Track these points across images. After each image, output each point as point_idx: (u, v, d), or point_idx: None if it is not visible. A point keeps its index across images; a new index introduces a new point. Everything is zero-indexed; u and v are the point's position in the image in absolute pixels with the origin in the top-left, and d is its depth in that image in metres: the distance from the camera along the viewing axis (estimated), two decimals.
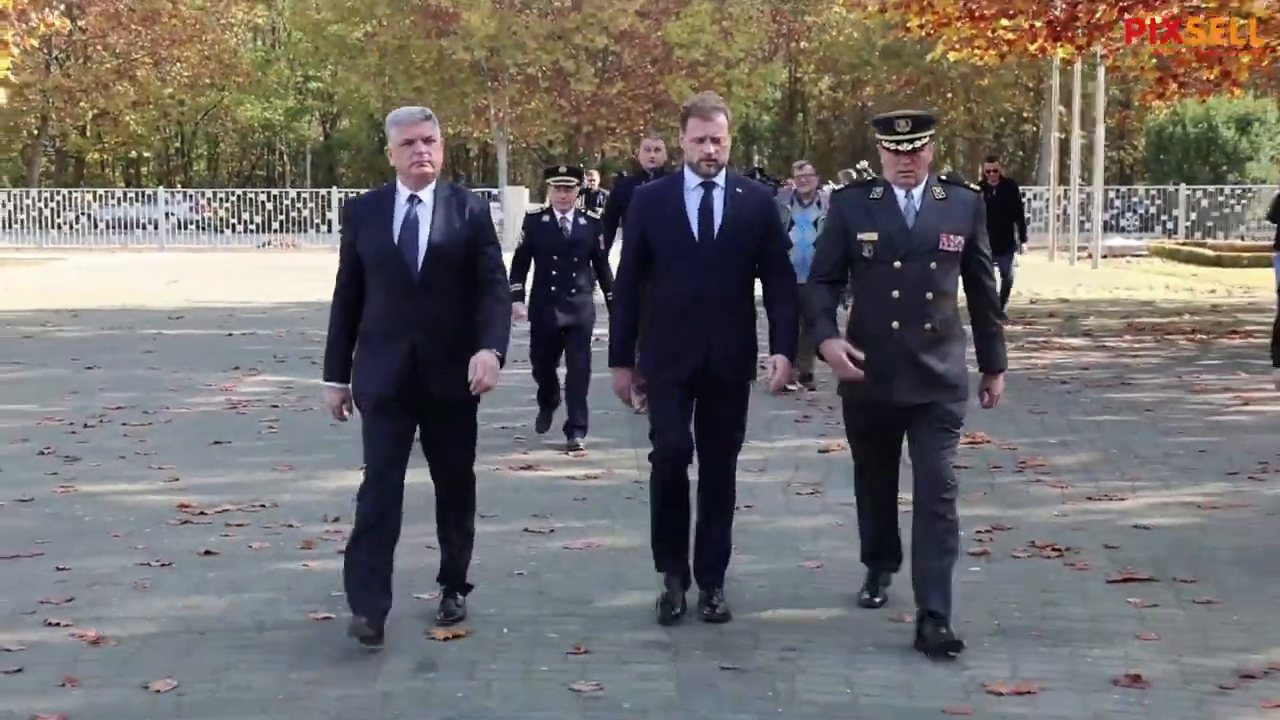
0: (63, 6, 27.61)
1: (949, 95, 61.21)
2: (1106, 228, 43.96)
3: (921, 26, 22.64)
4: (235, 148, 75.84)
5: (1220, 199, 43.53)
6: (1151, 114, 50.44)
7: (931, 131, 6.08)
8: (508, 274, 6.35)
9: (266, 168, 75.34)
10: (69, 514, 8.48)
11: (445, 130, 59.42)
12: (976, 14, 21.56)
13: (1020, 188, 25.00)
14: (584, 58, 56.14)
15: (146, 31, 56.17)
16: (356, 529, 5.97)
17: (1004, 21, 21.91)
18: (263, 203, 45.55)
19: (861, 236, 6.06)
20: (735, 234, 6.19)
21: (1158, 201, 45.39)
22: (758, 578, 7.03)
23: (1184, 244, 38.42)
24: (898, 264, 6.02)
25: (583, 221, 10.72)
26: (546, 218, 10.61)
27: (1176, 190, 44.35)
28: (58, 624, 6.31)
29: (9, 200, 45.89)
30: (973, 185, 6.37)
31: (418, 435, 6.18)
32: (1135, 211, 47.12)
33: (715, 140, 6.18)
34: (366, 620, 5.76)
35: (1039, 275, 28.81)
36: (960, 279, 6.21)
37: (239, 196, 46.75)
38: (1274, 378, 7.59)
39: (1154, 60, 23.19)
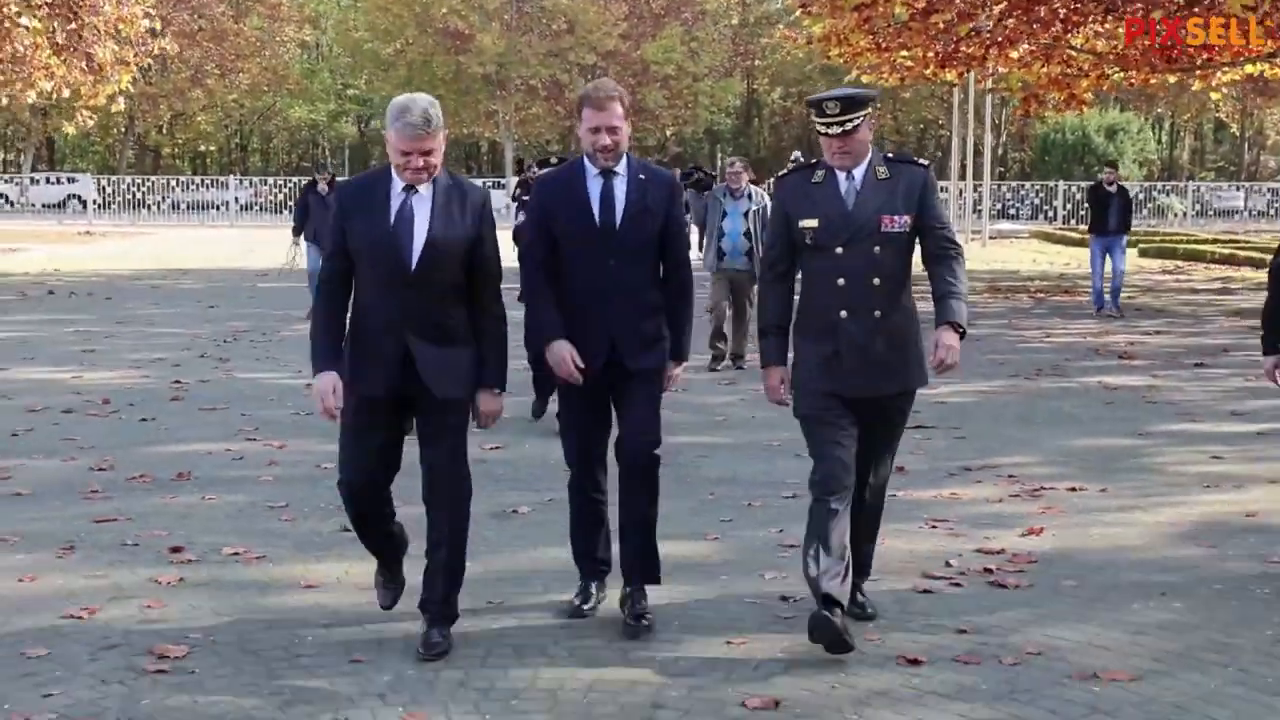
0: (166, 35, 29.46)
1: (878, 104, 63.11)
2: (1001, 214, 46.53)
3: (840, 55, 24.49)
4: (285, 143, 77.94)
5: None
6: (1041, 123, 52.94)
7: (866, 111, 5.00)
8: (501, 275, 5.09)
9: (311, 160, 77.32)
10: (235, 389, 11.01)
11: (459, 131, 62.36)
12: (882, 46, 23.42)
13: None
14: (576, 72, 58.16)
15: (215, 48, 58.28)
16: (352, 522, 5.16)
17: (903, 53, 23.80)
18: None
19: (803, 223, 5.04)
20: (638, 222, 5.16)
21: (1041, 194, 47.93)
22: (684, 423, 9.45)
23: (1059, 229, 40.91)
24: (840, 250, 5.00)
25: None
26: None
27: (1056, 185, 46.90)
28: (254, 440, 8.84)
29: (108, 185, 48.16)
30: (922, 161, 5.25)
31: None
32: (1025, 202, 49.68)
33: (611, 129, 5.11)
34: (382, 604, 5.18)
35: None
36: (922, 260, 5.23)
37: (294, 184, 48.99)
38: (1265, 366, 6.20)
39: (1020, 84, 25.51)
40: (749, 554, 6.26)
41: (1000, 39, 22.04)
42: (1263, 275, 24.43)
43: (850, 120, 4.97)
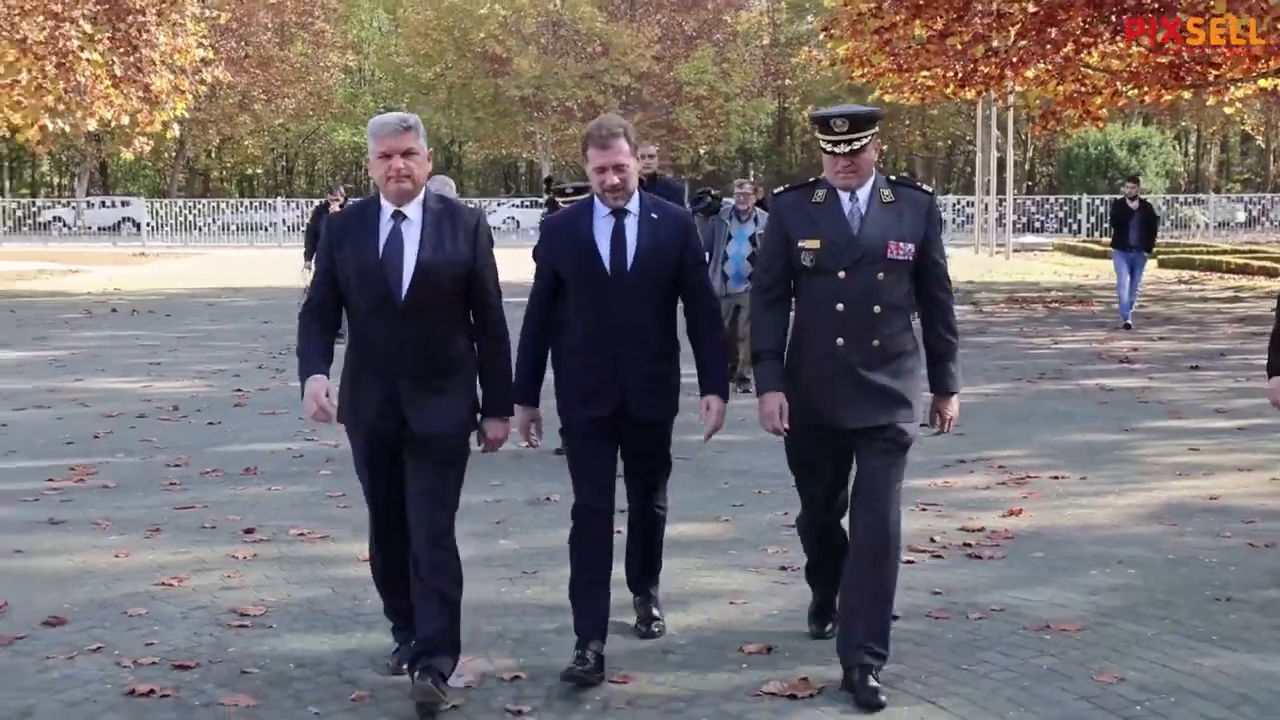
0: (220, 64, 30.32)
1: (907, 122, 63.90)
2: (1027, 228, 47.01)
3: (863, 75, 25.14)
4: (329, 165, 79.03)
5: None
6: (1065, 137, 53.36)
7: (874, 130, 4.76)
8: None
9: (354, 181, 78.50)
10: (292, 397, 11.67)
11: (498, 152, 63.35)
12: (903, 67, 24.08)
13: (943, 196, 27.91)
14: (611, 93, 59.03)
15: (262, 74, 59.39)
16: (377, 581, 4.98)
17: (923, 73, 24.47)
18: None
19: (803, 244, 4.76)
20: (651, 263, 4.92)
21: (1065, 208, 48.38)
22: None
23: (1082, 242, 41.33)
24: (842, 274, 4.73)
25: None
26: None
27: (1080, 199, 47.35)
28: (311, 440, 9.56)
29: (160, 208, 49.34)
30: (925, 187, 5.02)
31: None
32: (1049, 215, 50.10)
33: (618, 168, 4.87)
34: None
35: (962, 264, 31.81)
36: (916, 294, 4.91)
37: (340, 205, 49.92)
38: (1270, 387, 5.77)
39: (1038, 101, 26.12)
40: (755, 532, 6.95)
41: (1015, 59, 22.66)
42: (1275, 285, 25.02)
43: (858, 139, 4.70)
